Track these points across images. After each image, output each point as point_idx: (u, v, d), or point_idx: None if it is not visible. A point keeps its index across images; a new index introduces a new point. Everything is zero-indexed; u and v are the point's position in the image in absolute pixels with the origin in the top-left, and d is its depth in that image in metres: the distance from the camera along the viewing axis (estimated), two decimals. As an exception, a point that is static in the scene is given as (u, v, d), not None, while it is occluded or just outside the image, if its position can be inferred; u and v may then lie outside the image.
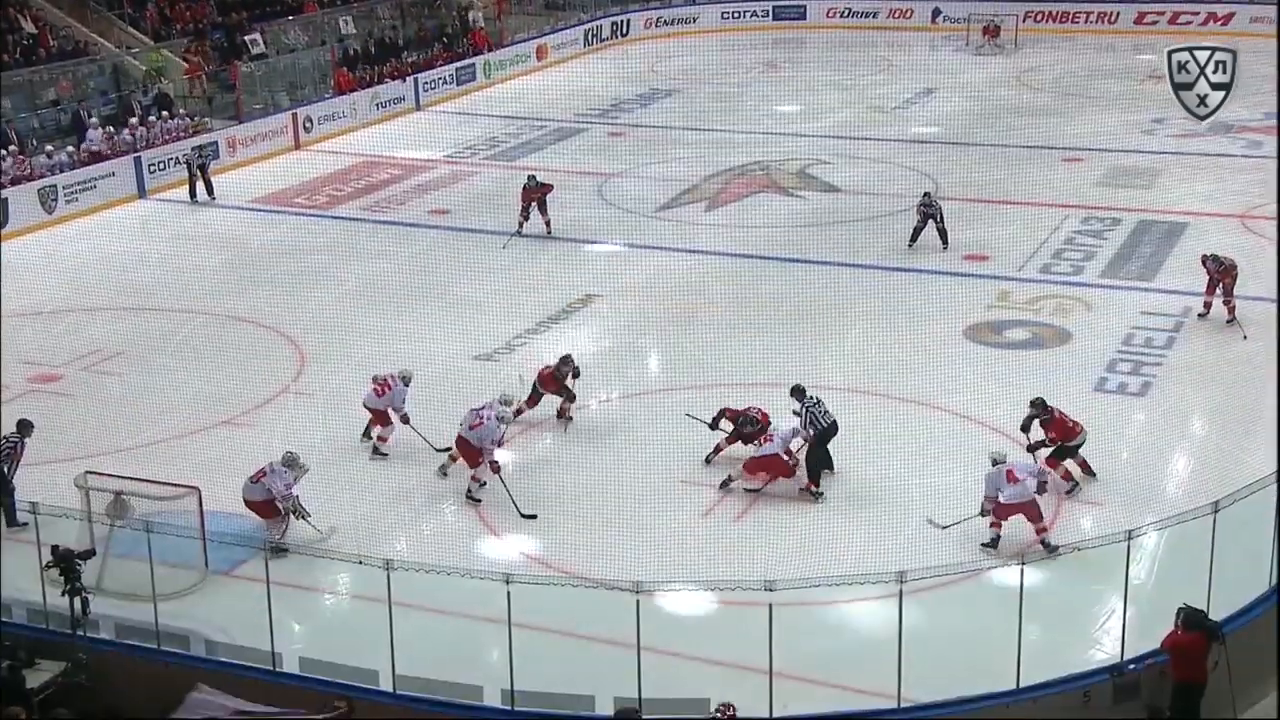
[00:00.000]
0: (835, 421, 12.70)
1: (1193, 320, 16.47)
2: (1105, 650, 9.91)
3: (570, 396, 13.99)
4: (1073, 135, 25.91)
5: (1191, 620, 9.25)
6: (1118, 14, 36.93)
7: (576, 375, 14.00)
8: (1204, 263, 16.41)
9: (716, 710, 8.74)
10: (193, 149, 23.74)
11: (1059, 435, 12.49)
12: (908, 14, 38.30)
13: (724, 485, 12.59)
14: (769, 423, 12.86)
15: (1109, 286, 17.98)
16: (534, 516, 12.18)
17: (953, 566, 10.29)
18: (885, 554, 11.27)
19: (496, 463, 12.38)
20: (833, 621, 10.31)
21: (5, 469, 12.11)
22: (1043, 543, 11.30)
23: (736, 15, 38.54)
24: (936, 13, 38.08)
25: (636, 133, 27.72)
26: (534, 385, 14.03)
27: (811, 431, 12.58)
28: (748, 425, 12.82)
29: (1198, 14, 35.39)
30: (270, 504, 11.63)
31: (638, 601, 9.38)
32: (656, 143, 26.55)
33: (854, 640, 10.14)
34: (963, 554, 11.06)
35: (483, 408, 12.59)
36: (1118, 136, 25.78)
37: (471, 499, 12.47)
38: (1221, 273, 16.16)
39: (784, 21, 38.51)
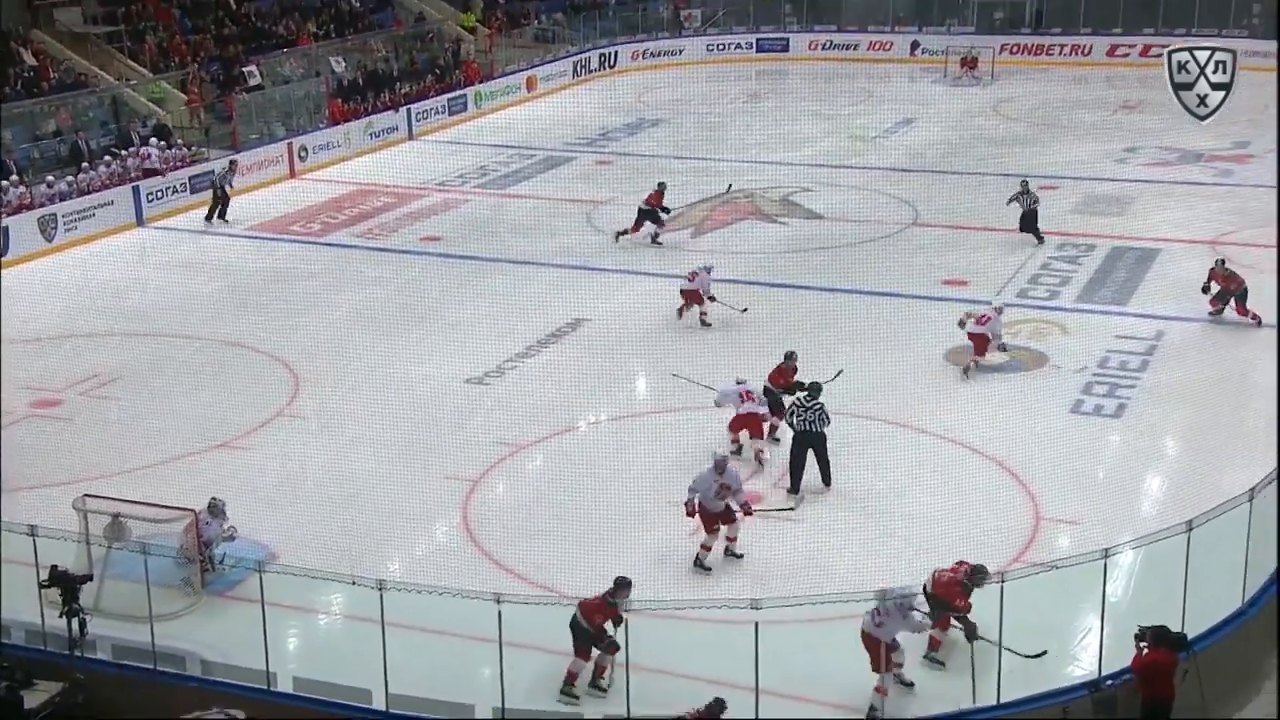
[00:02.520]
0: (822, 434, 13.03)
1: (1166, 343, 16.81)
2: (1083, 667, 10.05)
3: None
4: (1048, 164, 26.25)
5: (1160, 638, 9.33)
6: (1091, 47, 37.53)
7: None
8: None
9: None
10: (229, 162, 24.35)
11: None
12: (888, 46, 38.87)
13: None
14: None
15: (1084, 310, 18.28)
16: (795, 506, 12.70)
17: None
18: (869, 572, 11.49)
19: (747, 505, 12.02)
20: (817, 639, 10.43)
21: None
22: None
23: (721, 48, 39.16)
24: (915, 45, 38.66)
25: (624, 161, 28.06)
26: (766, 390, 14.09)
27: (791, 428, 13.27)
28: None
29: (1168, 45, 35.83)
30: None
31: (625, 621, 9.59)
32: (644, 171, 26.83)
33: (837, 658, 10.21)
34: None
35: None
36: (1091, 165, 26.19)
37: (700, 566, 11.93)
38: (1225, 278, 17.05)
39: (767, 54, 39.04)
